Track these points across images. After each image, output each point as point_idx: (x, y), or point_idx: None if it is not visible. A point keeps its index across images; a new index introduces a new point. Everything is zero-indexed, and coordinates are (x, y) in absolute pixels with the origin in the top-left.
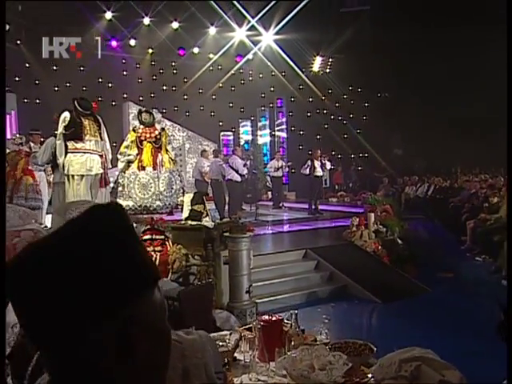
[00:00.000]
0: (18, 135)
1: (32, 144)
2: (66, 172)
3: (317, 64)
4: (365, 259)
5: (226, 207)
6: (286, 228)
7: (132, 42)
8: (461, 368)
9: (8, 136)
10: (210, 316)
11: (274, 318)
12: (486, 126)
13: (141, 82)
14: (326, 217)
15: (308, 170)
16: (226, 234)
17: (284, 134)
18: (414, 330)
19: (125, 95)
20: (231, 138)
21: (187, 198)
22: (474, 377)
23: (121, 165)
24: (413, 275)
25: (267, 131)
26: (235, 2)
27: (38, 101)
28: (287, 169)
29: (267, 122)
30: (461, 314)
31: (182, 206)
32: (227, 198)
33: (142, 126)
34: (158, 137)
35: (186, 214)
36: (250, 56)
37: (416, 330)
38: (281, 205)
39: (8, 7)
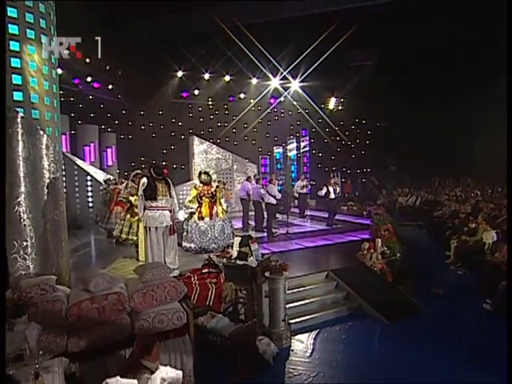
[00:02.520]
0: (111, 178)
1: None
2: (144, 224)
3: (332, 103)
4: (374, 279)
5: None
6: (310, 243)
7: (196, 92)
8: None
9: (110, 162)
10: (254, 347)
11: None
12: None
13: (202, 121)
14: (340, 229)
15: (324, 193)
16: (267, 275)
17: (307, 156)
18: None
19: (190, 130)
20: (268, 160)
21: (236, 241)
22: None
23: (185, 215)
24: (410, 291)
25: (294, 153)
26: (272, 59)
27: (130, 136)
28: (310, 187)
29: (294, 147)
30: (450, 333)
31: (233, 245)
32: (265, 215)
33: (201, 185)
34: (214, 193)
35: (235, 254)
36: (281, 98)
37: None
38: (305, 214)
39: (111, 73)
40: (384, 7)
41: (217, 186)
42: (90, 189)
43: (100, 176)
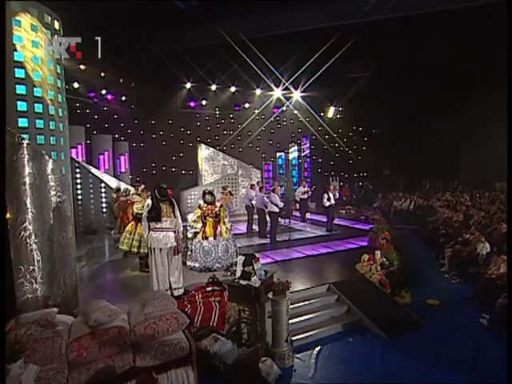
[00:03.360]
0: (122, 187)
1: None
2: (149, 245)
3: (331, 112)
4: (374, 293)
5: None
6: (311, 251)
7: (203, 102)
8: None
9: (123, 169)
10: (257, 371)
11: None
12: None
13: (209, 129)
14: (340, 235)
15: (326, 201)
16: (270, 297)
17: (308, 161)
18: (413, 363)
19: (198, 138)
20: (271, 165)
21: (239, 260)
22: None
23: (189, 235)
24: (408, 302)
25: (296, 159)
26: (274, 71)
27: (142, 144)
28: (311, 193)
29: (296, 154)
30: (448, 348)
31: (237, 264)
32: (268, 221)
33: (205, 204)
34: (218, 212)
35: (238, 273)
36: (284, 108)
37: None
38: (306, 219)
39: (125, 85)
40: (380, 22)
41: (221, 206)
42: (104, 195)
43: (113, 183)
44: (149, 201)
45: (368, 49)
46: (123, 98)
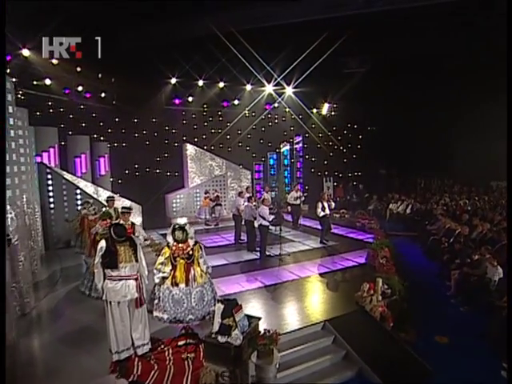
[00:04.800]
0: (91, 205)
1: (108, 208)
2: (103, 297)
3: (325, 109)
4: (376, 332)
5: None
6: (304, 270)
7: (190, 99)
8: None
9: (102, 172)
10: None
11: None
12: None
13: (196, 127)
14: (335, 248)
15: (321, 211)
16: (254, 361)
17: (300, 161)
18: None
19: (184, 137)
20: (262, 166)
21: (218, 310)
22: None
23: (156, 280)
24: (412, 338)
25: (288, 159)
26: (265, 65)
27: (123, 144)
28: (303, 198)
29: (288, 153)
30: None
31: (214, 314)
32: (259, 236)
33: (175, 243)
34: (191, 252)
35: (216, 327)
36: (275, 104)
37: None
38: (298, 225)
39: (104, 81)
40: (376, 15)
41: (194, 244)
42: (79, 203)
43: (90, 189)
44: (102, 243)
45: (364, 43)
46: (102, 95)
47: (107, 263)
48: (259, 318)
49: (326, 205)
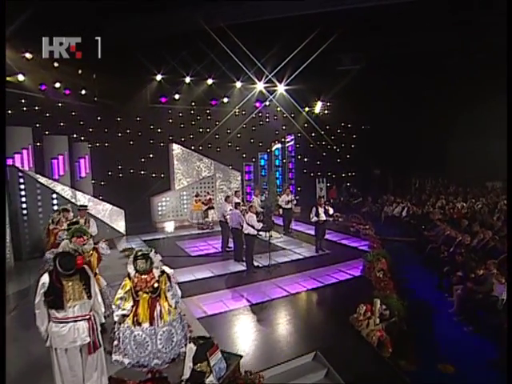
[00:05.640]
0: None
1: (79, 218)
2: (47, 344)
3: (318, 107)
4: (372, 361)
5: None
6: (295, 285)
7: (176, 96)
8: None
9: (83, 174)
10: None
11: None
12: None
13: (183, 126)
14: (328, 258)
15: (315, 216)
16: None
17: (292, 161)
18: None
19: (170, 137)
20: (252, 167)
21: (189, 352)
22: None
23: (116, 318)
24: (413, 366)
25: (279, 159)
26: (256, 61)
27: (106, 144)
28: (295, 202)
29: (280, 153)
30: None
31: (185, 356)
32: (244, 245)
33: (137, 274)
34: (156, 285)
35: (186, 373)
36: (267, 103)
37: None
38: (289, 230)
39: (85, 77)
40: (371, 11)
41: (161, 274)
42: (55, 208)
43: (68, 193)
44: (45, 278)
45: (358, 39)
46: (83, 92)
47: (51, 303)
48: (240, 357)
49: (321, 210)
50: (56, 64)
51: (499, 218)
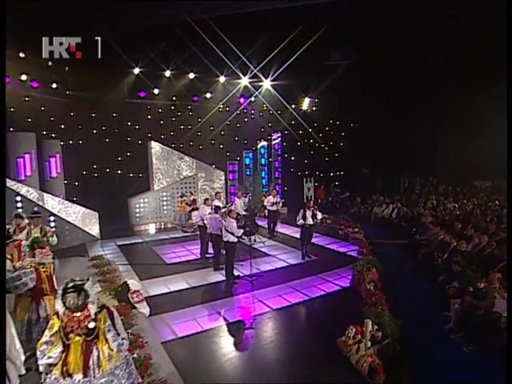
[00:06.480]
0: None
1: (32, 226)
2: None
3: (305, 104)
4: None
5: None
6: (278, 299)
7: (156, 91)
8: None
9: (54, 174)
10: None
11: None
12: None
13: (162, 123)
14: (316, 266)
15: (301, 219)
16: None
17: (279, 160)
18: None
19: (149, 134)
20: (236, 165)
21: None
22: None
23: (40, 367)
24: None
25: (265, 158)
26: (241, 55)
27: (80, 142)
28: (281, 204)
29: (265, 151)
30: None
31: None
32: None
33: (67, 311)
34: (92, 325)
35: None
36: (252, 98)
37: None
38: (274, 233)
39: (56, 70)
40: (362, 4)
41: (99, 310)
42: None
43: (34, 195)
44: None
45: (347, 34)
46: (54, 85)
47: None
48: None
49: (308, 214)
50: (22, 54)
51: (492, 219)
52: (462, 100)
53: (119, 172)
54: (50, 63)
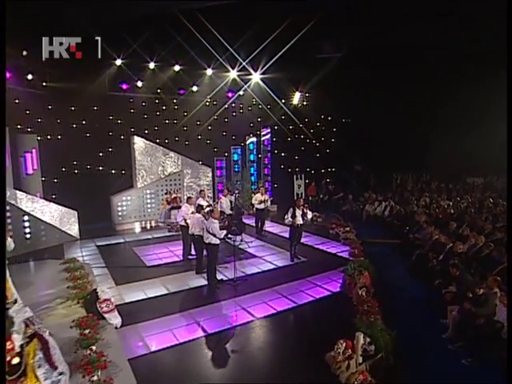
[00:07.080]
0: None
1: None
2: None
3: (296, 98)
4: None
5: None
6: (263, 306)
7: (139, 84)
8: None
9: (30, 171)
10: None
11: None
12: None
13: (146, 117)
14: (304, 268)
15: (290, 218)
16: None
17: (268, 156)
18: None
19: (132, 129)
20: (224, 162)
21: None
22: None
23: None
24: None
25: (254, 154)
26: (229, 47)
27: (59, 137)
28: (269, 203)
29: (255, 147)
30: None
31: None
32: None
33: None
34: (17, 360)
35: None
36: (240, 92)
37: None
38: (262, 233)
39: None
40: None
41: (27, 341)
42: None
43: (6, 193)
44: None
45: (340, 26)
46: (29, 77)
47: None
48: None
49: (298, 213)
50: None
51: (487, 218)
52: (454, 96)
53: (100, 168)
54: (24, 52)
